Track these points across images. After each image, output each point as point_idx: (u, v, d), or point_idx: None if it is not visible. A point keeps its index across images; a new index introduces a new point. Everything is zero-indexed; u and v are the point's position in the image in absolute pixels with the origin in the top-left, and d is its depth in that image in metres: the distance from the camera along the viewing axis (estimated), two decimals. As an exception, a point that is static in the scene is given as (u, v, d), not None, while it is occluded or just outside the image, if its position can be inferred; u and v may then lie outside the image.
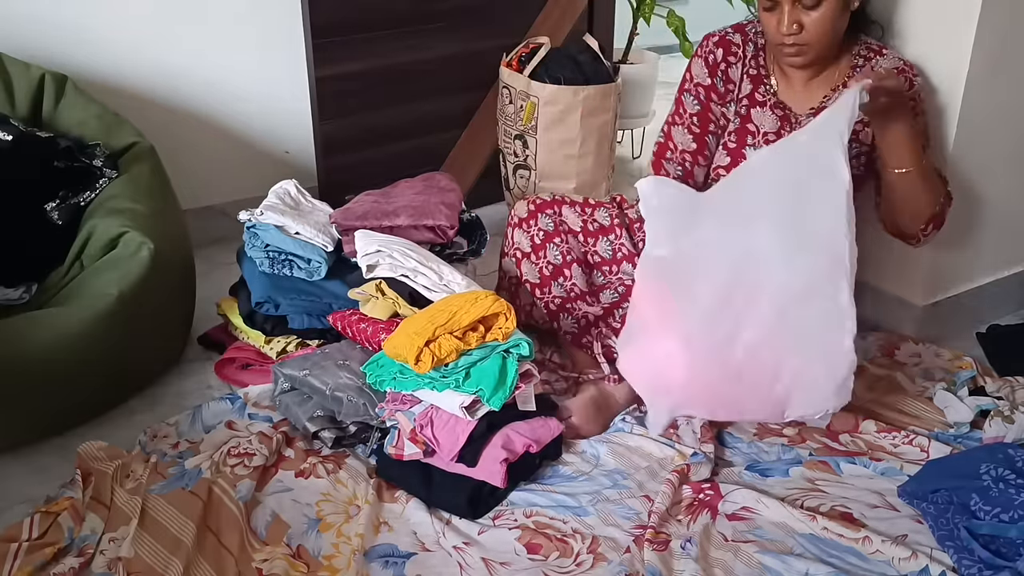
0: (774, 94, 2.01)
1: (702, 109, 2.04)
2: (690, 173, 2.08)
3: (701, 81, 2.04)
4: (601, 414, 2.00)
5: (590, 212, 2.12)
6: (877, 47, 2.00)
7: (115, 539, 1.66)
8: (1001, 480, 1.63)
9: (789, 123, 2.01)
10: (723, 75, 2.02)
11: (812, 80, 1.99)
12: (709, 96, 2.03)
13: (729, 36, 2.04)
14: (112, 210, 2.12)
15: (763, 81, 2.02)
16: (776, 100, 2.01)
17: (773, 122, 2.01)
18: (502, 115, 2.83)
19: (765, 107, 2.01)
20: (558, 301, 2.10)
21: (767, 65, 2.03)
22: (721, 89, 2.03)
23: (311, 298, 2.15)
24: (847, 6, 1.87)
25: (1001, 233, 2.35)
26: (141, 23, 2.64)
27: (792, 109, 2.01)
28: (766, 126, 2.01)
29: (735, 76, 2.02)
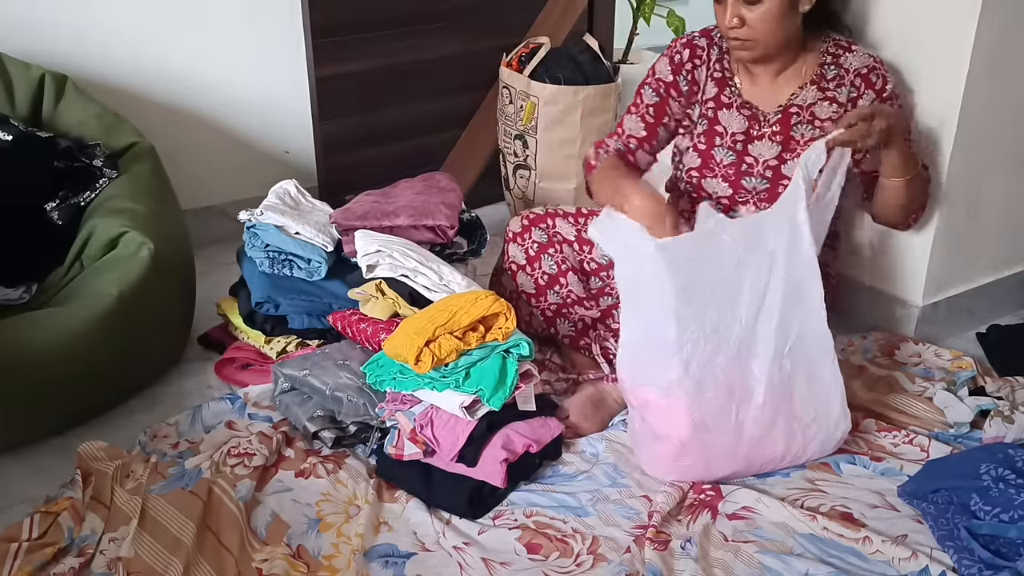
0: (739, 95, 2.03)
1: (660, 102, 2.07)
2: (631, 152, 2.11)
3: (663, 77, 2.07)
4: (599, 412, 2.00)
5: (583, 222, 2.14)
6: (846, 44, 2.00)
7: (115, 539, 1.66)
8: (1001, 480, 1.63)
9: (757, 122, 2.02)
10: (687, 75, 2.05)
11: (778, 77, 2.00)
12: (669, 92, 2.07)
13: (695, 40, 2.07)
14: (112, 210, 2.12)
15: (728, 83, 2.03)
16: (742, 101, 2.02)
17: (741, 122, 2.02)
18: (502, 115, 2.83)
19: (732, 108, 2.03)
20: (554, 307, 2.11)
21: (731, 67, 2.04)
22: (684, 88, 2.06)
23: (311, 298, 2.15)
24: (794, 6, 1.88)
25: (1001, 233, 2.36)
26: (141, 23, 2.64)
27: (759, 108, 2.02)
28: (734, 127, 2.02)
29: (700, 78, 2.05)
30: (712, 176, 2.06)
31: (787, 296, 1.73)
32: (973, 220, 2.26)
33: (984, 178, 2.22)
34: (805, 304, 1.74)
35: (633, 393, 1.79)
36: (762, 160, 2.01)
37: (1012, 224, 2.36)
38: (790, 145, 1.99)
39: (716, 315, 1.71)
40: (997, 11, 2.00)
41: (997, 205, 2.30)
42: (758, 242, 1.73)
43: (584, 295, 2.11)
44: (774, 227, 1.74)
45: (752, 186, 2.02)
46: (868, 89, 1.97)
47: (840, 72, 1.97)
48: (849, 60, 1.97)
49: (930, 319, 2.30)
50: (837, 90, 1.98)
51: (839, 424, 1.81)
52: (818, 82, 1.98)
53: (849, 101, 1.97)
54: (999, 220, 2.33)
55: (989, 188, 2.25)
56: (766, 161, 2.01)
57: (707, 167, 2.06)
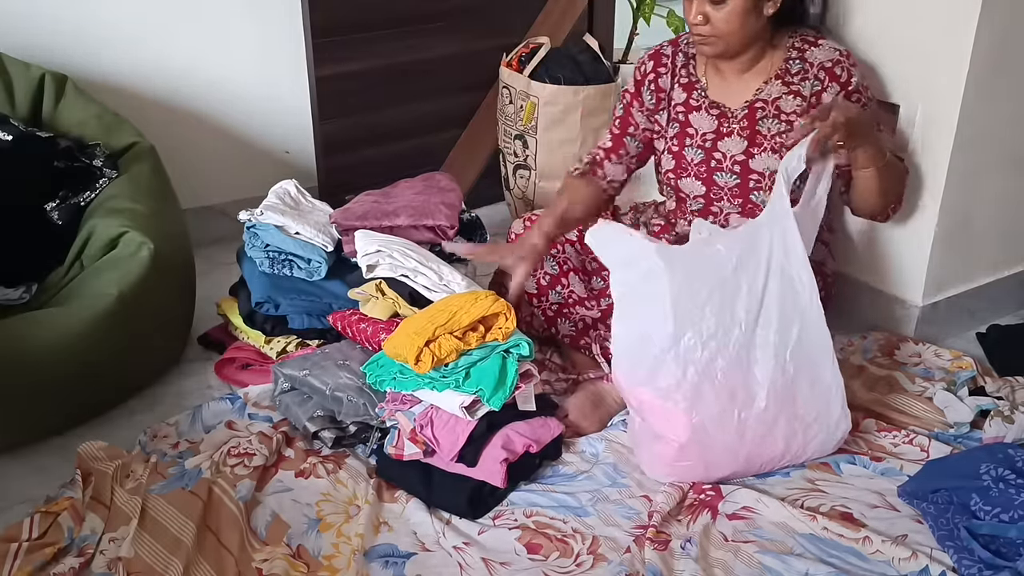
0: (705, 96, 2.06)
1: (624, 114, 2.17)
2: (599, 163, 2.18)
3: (629, 89, 2.16)
4: (598, 411, 2.00)
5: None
6: (813, 38, 2.01)
7: (115, 539, 1.66)
8: (1001, 480, 1.63)
9: (726, 119, 2.04)
10: (651, 85, 2.11)
11: (745, 74, 2.02)
12: (632, 103, 2.14)
13: (662, 49, 2.12)
14: (112, 210, 2.12)
15: (694, 87, 2.07)
16: (710, 101, 2.05)
17: (710, 122, 2.05)
18: (502, 115, 2.83)
19: (701, 110, 2.06)
20: (556, 307, 2.12)
21: (696, 71, 2.07)
22: (647, 99, 2.12)
23: (311, 298, 2.15)
24: (758, 6, 1.89)
25: (1001, 233, 2.35)
26: (141, 23, 2.64)
27: (727, 106, 2.04)
28: (704, 127, 2.06)
29: (665, 86, 2.10)
30: (686, 175, 2.09)
31: (784, 299, 1.73)
32: (973, 220, 2.26)
33: (984, 178, 2.22)
34: (802, 306, 1.75)
35: (631, 394, 1.80)
36: (730, 156, 2.03)
37: (1012, 224, 2.36)
38: (756, 140, 2.01)
39: (714, 321, 1.72)
40: (997, 11, 2.00)
41: (997, 205, 2.29)
42: (752, 249, 1.75)
43: (585, 295, 2.12)
44: (766, 234, 1.76)
45: (724, 182, 2.05)
46: (832, 82, 1.97)
47: (805, 66, 1.99)
48: (814, 54, 1.99)
49: (930, 319, 2.30)
50: (801, 84, 1.99)
51: (839, 424, 1.81)
52: (783, 76, 2.00)
53: (813, 95, 1.99)
54: (999, 220, 2.32)
55: (989, 188, 2.25)
56: (734, 156, 2.03)
57: (680, 167, 2.10)
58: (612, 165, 2.18)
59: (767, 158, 2.01)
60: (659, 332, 1.72)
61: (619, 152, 2.17)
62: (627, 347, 1.77)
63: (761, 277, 1.74)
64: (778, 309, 1.73)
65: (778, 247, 1.74)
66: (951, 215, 2.20)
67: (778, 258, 1.74)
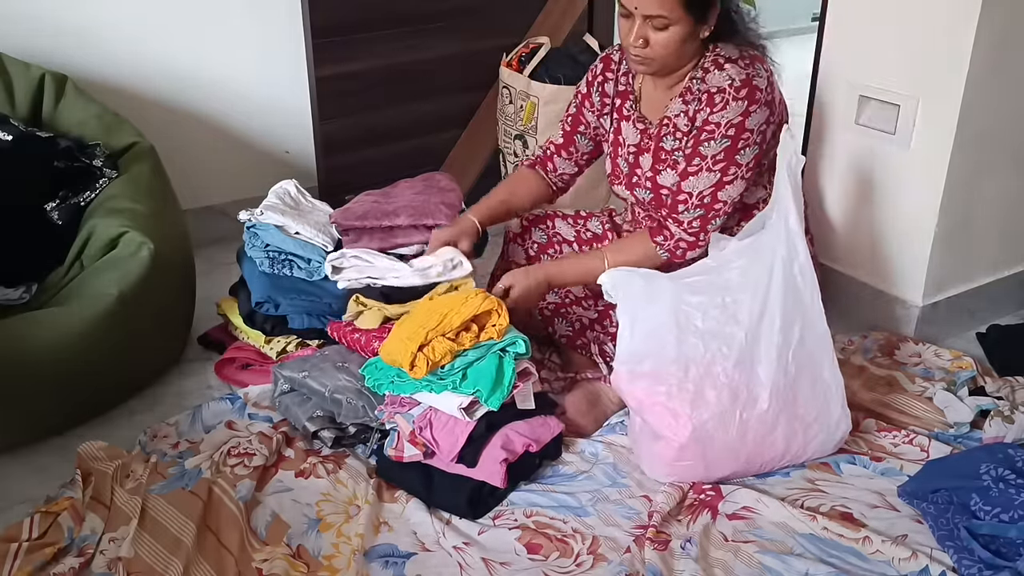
0: (636, 107, 2.04)
1: (576, 112, 2.15)
2: (548, 157, 2.19)
3: (581, 88, 2.14)
4: (594, 410, 2.00)
5: (582, 223, 2.18)
6: (725, 59, 1.87)
7: (115, 539, 1.66)
8: (1001, 480, 1.63)
9: (648, 135, 2.00)
10: (599, 88, 2.10)
11: (669, 89, 1.97)
12: (583, 102, 2.13)
13: (611, 54, 2.10)
14: (112, 210, 2.12)
15: (628, 96, 2.05)
16: (638, 114, 2.03)
17: (635, 135, 2.03)
18: (502, 115, 2.83)
19: (629, 120, 2.05)
20: (553, 307, 2.13)
21: (631, 82, 2.05)
22: (595, 100, 2.11)
23: (311, 298, 2.15)
24: (696, 33, 1.85)
25: (1001, 233, 2.36)
26: (141, 23, 2.65)
27: (650, 120, 2.01)
28: (630, 139, 2.04)
29: (609, 91, 2.09)
30: (618, 183, 2.10)
31: (787, 299, 1.73)
32: (973, 220, 2.26)
33: (984, 178, 2.22)
34: (804, 305, 1.75)
35: (631, 394, 1.80)
36: (644, 172, 2.02)
37: (1012, 224, 2.36)
38: (659, 155, 1.97)
39: (718, 321, 1.72)
40: (997, 11, 2.00)
41: (997, 205, 2.30)
42: (758, 251, 1.76)
43: (583, 295, 2.12)
44: (771, 235, 1.76)
45: (641, 196, 2.04)
46: (708, 106, 1.87)
47: (701, 86, 1.90)
48: (712, 77, 1.87)
49: (930, 319, 2.30)
50: (694, 102, 1.91)
51: (839, 424, 1.81)
52: (684, 95, 1.94)
53: (696, 115, 1.90)
54: (999, 220, 2.32)
55: (989, 188, 2.25)
56: (646, 173, 2.02)
57: (614, 174, 2.11)
58: (562, 160, 2.18)
59: (671, 175, 1.95)
60: (663, 332, 1.72)
61: (569, 149, 2.17)
62: (630, 345, 1.77)
63: (765, 277, 1.74)
64: (781, 309, 1.73)
65: (782, 247, 1.74)
66: (951, 215, 2.20)
67: (782, 258, 1.74)
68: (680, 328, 1.72)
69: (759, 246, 1.77)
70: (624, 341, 1.78)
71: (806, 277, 1.75)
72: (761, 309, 1.74)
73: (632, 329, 1.77)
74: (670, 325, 1.72)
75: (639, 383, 1.77)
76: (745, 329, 1.73)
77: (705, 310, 1.73)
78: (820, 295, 1.77)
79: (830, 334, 1.78)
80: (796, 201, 1.75)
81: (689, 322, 1.72)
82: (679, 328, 1.72)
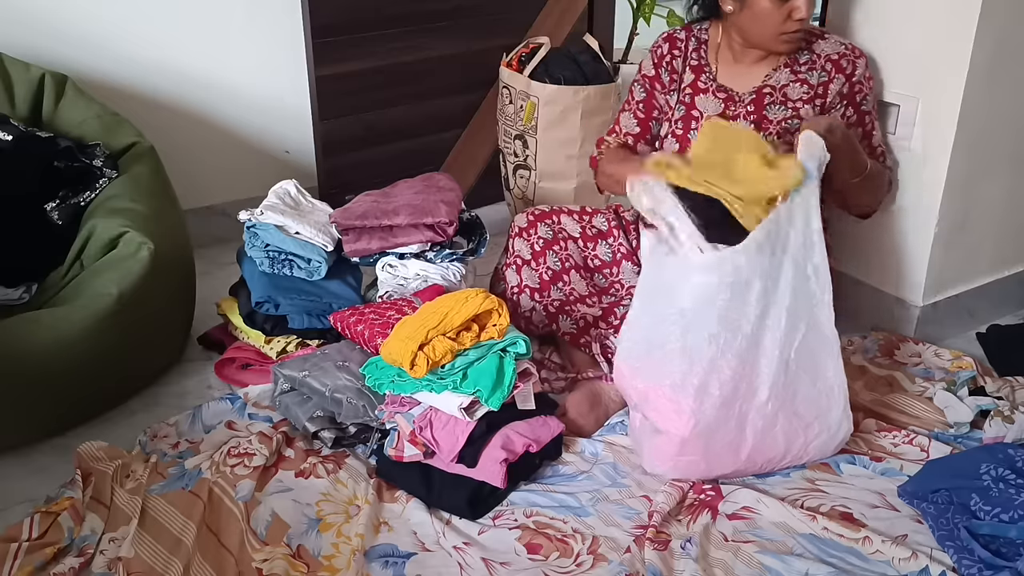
0: (714, 79, 2.12)
1: (647, 96, 2.21)
2: (631, 147, 2.23)
3: (647, 72, 2.21)
4: (595, 410, 2.00)
5: (588, 219, 2.19)
6: (819, 32, 2.10)
7: (115, 539, 1.66)
8: (1001, 480, 1.63)
9: (733, 102, 2.10)
10: (668, 66, 2.18)
11: (757, 63, 2.09)
12: (654, 85, 2.20)
13: (675, 33, 2.20)
14: (112, 210, 2.12)
15: (704, 70, 2.14)
16: (717, 85, 2.11)
17: (716, 105, 2.11)
18: (502, 115, 2.83)
19: (708, 92, 2.12)
20: (557, 304, 2.12)
21: (707, 56, 2.14)
22: (665, 79, 2.18)
23: (311, 298, 2.16)
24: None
25: (1001, 233, 2.36)
26: (141, 23, 2.65)
27: (734, 90, 2.10)
28: (710, 109, 2.11)
29: (678, 67, 2.17)
30: None
31: (797, 296, 1.72)
32: (973, 220, 2.26)
33: (984, 178, 2.22)
34: (814, 304, 1.74)
35: (633, 388, 1.79)
36: None
37: (1012, 224, 2.36)
38: (763, 125, 2.06)
39: (726, 314, 1.71)
40: (997, 12, 2.00)
41: (997, 205, 2.30)
42: (772, 242, 1.72)
43: (587, 292, 2.12)
44: (787, 226, 1.72)
45: None
46: (839, 73, 2.04)
47: (812, 57, 2.06)
48: (821, 47, 2.07)
49: (930, 319, 2.30)
50: (809, 73, 2.06)
51: (840, 425, 1.81)
52: (791, 65, 2.06)
53: (820, 84, 2.05)
54: (999, 220, 2.33)
55: (989, 188, 2.25)
56: None
57: (684, 151, 2.09)
58: (643, 146, 2.22)
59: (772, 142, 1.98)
60: (669, 321, 1.71)
61: (646, 137, 2.22)
62: (638, 334, 1.77)
63: (775, 270, 1.72)
64: (790, 305, 1.71)
65: (797, 241, 1.71)
66: (951, 215, 2.20)
67: (796, 252, 1.72)
68: (689, 320, 1.70)
69: (775, 235, 1.72)
70: (629, 333, 1.77)
71: (820, 278, 1.73)
72: (767, 302, 1.72)
73: (640, 320, 1.76)
74: (680, 319, 1.71)
75: (641, 377, 1.76)
76: (751, 321, 1.71)
77: (715, 301, 1.71)
78: (832, 298, 1.75)
79: (838, 337, 1.77)
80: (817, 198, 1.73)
81: (700, 315, 1.70)
82: (688, 319, 1.70)
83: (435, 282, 2.17)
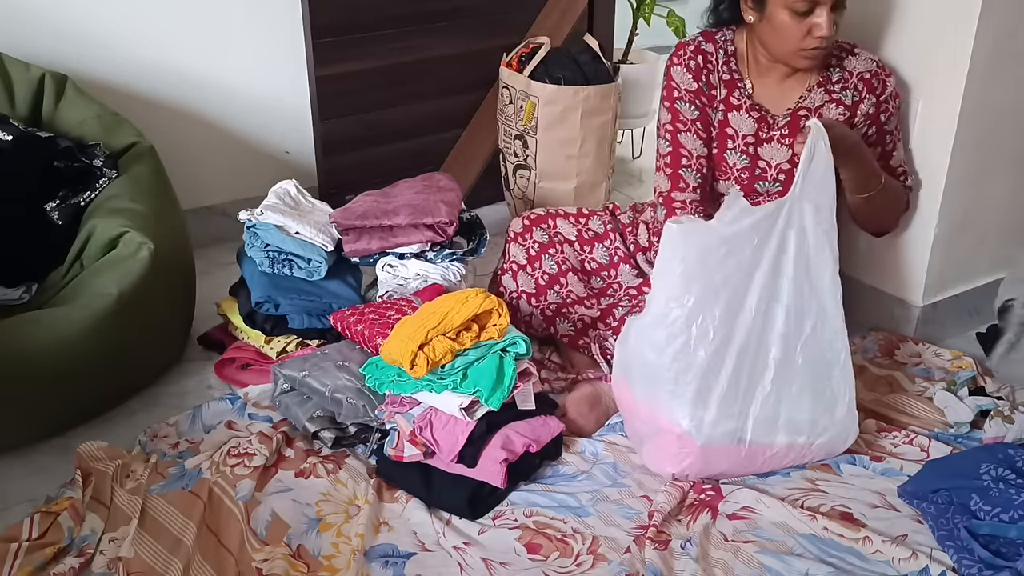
0: (749, 96, 2.02)
1: (701, 114, 2.04)
2: (707, 179, 2.08)
3: (689, 87, 2.03)
4: (595, 410, 2.00)
5: (584, 222, 2.19)
6: (849, 46, 2.02)
7: (115, 539, 1.66)
8: (1001, 480, 1.63)
9: (767, 123, 2.02)
10: (706, 80, 2.03)
11: (786, 80, 2.01)
12: (703, 100, 2.04)
13: (703, 46, 2.04)
14: (112, 210, 2.12)
15: (737, 85, 2.03)
16: (752, 103, 2.02)
17: (751, 124, 2.02)
18: (502, 115, 2.83)
19: (741, 110, 2.02)
20: (554, 307, 2.13)
21: (739, 69, 2.03)
22: (707, 93, 2.04)
23: (311, 298, 2.16)
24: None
25: (1001, 233, 2.35)
26: (141, 23, 2.64)
27: (769, 110, 2.03)
28: (744, 129, 2.02)
29: (714, 82, 2.03)
30: (724, 179, 2.07)
31: (802, 292, 1.73)
32: (973, 220, 2.26)
33: (984, 178, 2.22)
34: (821, 302, 1.75)
35: (629, 391, 1.79)
36: (775, 164, 2.01)
37: (1012, 224, 2.36)
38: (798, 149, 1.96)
39: (728, 305, 1.71)
40: (997, 11, 2.00)
41: (997, 205, 2.30)
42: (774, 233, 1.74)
43: (584, 295, 2.12)
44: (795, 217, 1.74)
45: (765, 189, 2.03)
46: (870, 94, 1.99)
47: (844, 75, 2.00)
48: (853, 63, 2.00)
49: (930, 319, 2.30)
50: (843, 93, 2.00)
51: (846, 425, 1.80)
52: (824, 84, 2.00)
53: (853, 104, 1.99)
54: (999, 220, 2.33)
55: (989, 188, 2.25)
56: (779, 165, 2.01)
57: (719, 170, 2.06)
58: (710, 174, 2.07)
59: None
60: (674, 312, 1.71)
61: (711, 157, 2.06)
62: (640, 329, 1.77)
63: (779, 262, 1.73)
64: (794, 300, 1.72)
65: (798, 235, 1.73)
66: (951, 215, 2.20)
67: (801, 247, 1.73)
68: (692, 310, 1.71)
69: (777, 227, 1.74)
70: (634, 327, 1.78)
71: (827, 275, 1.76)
72: (770, 297, 1.73)
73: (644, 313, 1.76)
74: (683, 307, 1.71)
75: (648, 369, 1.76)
76: (753, 314, 1.72)
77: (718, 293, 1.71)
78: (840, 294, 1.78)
79: (847, 336, 1.78)
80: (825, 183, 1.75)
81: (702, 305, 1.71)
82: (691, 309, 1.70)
83: (435, 282, 2.17)
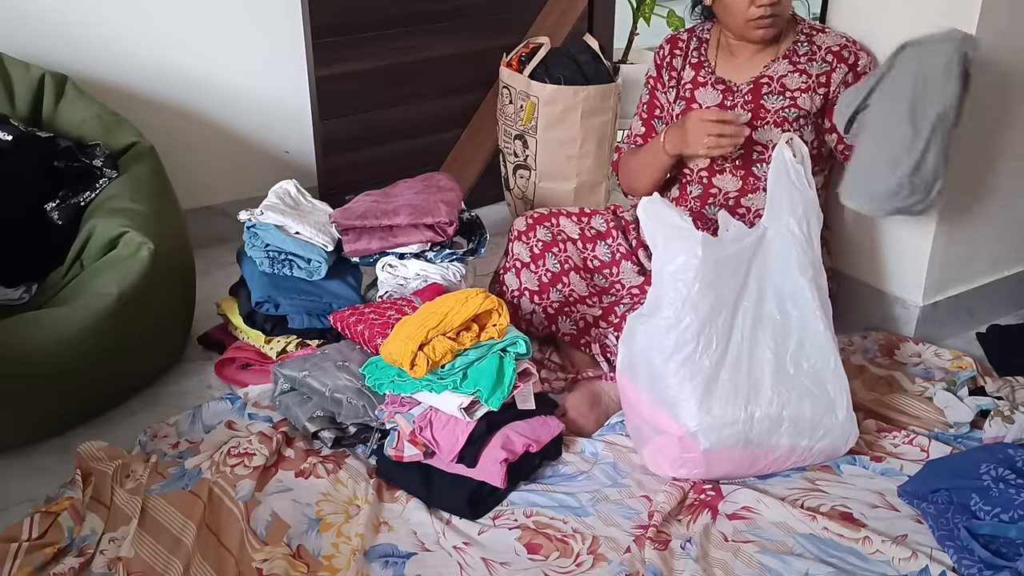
0: (712, 72, 2.17)
1: (650, 97, 2.29)
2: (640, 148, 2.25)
3: (651, 74, 2.29)
4: (595, 409, 2.00)
5: (587, 220, 2.20)
6: (820, 27, 2.16)
7: (115, 539, 1.66)
8: (1001, 480, 1.63)
9: (731, 92, 2.14)
10: (668, 65, 2.24)
11: (754, 57, 2.13)
12: (655, 85, 2.27)
13: (679, 35, 2.27)
14: (112, 210, 2.12)
15: (703, 66, 2.19)
16: (716, 78, 2.16)
17: (715, 96, 2.15)
18: (502, 115, 2.83)
19: (707, 86, 2.17)
20: (557, 305, 2.13)
21: (706, 53, 2.20)
22: (665, 78, 2.25)
23: (311, 298, 2.16)
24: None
25: (1001, 233, 2.35)
26: (142, 23, 2.64)
27: (732, 81, 2.15)
28: (708, 101, 2.16)
29: (678, 65, 2.23)
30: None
31: (795, 299, 1.76)
32: (973, 220, 2.26)
33: (984, 178, 2.22)
34: (808, 310, 1.77)
35: (633, 387, 1.79)
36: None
37: (1012, 224, 2.36)
38: (760, 113, 2.09)
39: (729, 316, 1.73)
40: (997, 11, 2.00)
41: (997, 205, 2.29)
42: (765, 248, 1.79)
43: (587, 293, 2.12)
44: (783, 232, 1.79)
45: (728, 154, 2.08)
46: (840, 63, 2.09)
47: (812, 48, 2.11)
48: (822, 39, 2.12)
49: (930, 319, 2.30)
50: (808, 64, 2.10)
51: (845, 427, 1.80)
52: (790, 56, 2.11)
53: (821, 74, 2.08)
54: (999, 220, 2.32)
55: (989, 188, 2.25)
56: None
57: None
58: None
59: (769, 131, 2.07)
60: (680, 319, 1.73)
61: (651, 136, 2.25)
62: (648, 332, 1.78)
63: (770, 273, 1.77)
64: (784, 305, 1.76)
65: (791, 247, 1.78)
66: (951, 215, 2.20)
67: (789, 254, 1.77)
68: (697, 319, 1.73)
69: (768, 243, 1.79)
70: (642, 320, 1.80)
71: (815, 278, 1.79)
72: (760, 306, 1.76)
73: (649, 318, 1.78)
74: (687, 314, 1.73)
75: (644, 384, 1.77)
76: (750, 321, 1.76)
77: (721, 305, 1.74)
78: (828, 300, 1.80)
79: (835, 342, 1.79)
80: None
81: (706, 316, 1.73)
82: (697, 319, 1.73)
83: (435, 282, 2.17)
